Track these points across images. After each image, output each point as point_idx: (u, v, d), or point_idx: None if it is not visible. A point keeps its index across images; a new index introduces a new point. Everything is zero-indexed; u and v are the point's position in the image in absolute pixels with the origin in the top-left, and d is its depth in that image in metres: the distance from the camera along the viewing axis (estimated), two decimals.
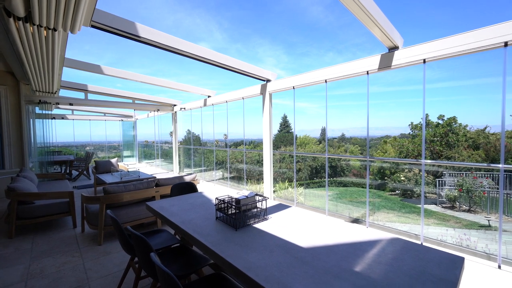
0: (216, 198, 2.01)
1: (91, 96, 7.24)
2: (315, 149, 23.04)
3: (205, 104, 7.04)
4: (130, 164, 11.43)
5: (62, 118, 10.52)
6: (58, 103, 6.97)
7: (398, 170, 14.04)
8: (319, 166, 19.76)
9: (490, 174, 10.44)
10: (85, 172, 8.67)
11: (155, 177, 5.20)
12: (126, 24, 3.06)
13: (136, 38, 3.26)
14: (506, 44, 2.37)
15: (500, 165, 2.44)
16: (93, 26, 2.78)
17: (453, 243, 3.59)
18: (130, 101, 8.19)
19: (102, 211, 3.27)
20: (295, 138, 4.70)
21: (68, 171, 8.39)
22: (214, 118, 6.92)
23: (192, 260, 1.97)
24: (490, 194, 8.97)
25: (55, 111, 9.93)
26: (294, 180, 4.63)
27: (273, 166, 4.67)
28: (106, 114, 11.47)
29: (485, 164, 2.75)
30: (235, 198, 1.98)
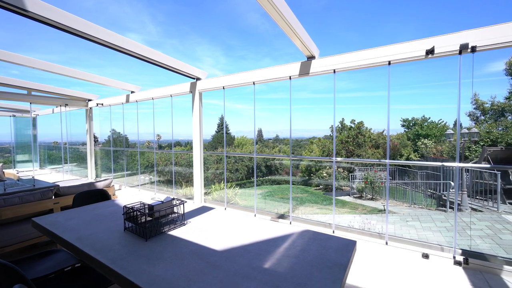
0: (125, 206, 1.76)
1: None
2: (252, 149, 23.79)
3: (127, 101, 6.26)
4: (26, 171, 9.16)
5: None
6: None
7: (321, 167, 15.87)
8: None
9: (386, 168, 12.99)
10: None
11: (58, 185, 4.30)
12: None
13: (22, 12, 2.60)
14: (389, 62, 2.93)
15: (386, 161, 3.02)
16: None
17: (358, 227, 4.24)
18: (25, 92, 6.54)
19: None
20: (225, 139, 4.67)
21: None
22: (143, 117, 6.26)
23: (92, 282, 1.67)
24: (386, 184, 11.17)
25: None
26: (225, 180, 4.60)
27: (211, 168, 4.50)
28: None
29: (377, 160, 3.35)
30: (148, 205, 1.78)
